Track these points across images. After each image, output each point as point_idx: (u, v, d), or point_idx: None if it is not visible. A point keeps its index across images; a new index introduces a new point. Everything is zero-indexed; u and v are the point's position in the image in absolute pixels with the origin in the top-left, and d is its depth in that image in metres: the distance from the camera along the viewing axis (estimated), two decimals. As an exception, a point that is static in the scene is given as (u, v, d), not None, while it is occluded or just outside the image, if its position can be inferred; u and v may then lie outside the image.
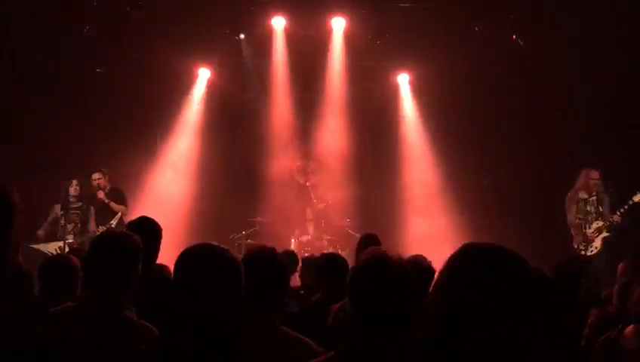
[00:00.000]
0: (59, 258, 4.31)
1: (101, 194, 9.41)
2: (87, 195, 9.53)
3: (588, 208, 9.05)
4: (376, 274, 2.29)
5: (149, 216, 4.06)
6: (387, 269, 2.29)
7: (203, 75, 11.58)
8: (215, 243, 2.47)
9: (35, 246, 9.06)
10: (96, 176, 9.51)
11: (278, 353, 2.55)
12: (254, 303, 2.64)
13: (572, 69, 10.17)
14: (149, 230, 3.82)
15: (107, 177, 9.60)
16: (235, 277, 2.35)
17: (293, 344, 2.74)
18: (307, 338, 2.79)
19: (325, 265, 4.31)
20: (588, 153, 9.75)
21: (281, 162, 11.40)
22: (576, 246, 9.01)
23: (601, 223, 8.91)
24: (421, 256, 4.07)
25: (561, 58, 10.23)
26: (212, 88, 11.61)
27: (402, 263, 2.34)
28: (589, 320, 3.83)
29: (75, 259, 4.01)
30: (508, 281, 1.57)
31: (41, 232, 9.22)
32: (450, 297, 1.58)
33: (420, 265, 3.75)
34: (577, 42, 9.92)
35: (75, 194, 9.41)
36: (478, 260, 1.60)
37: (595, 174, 9.14)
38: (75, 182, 9.41)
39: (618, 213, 8.75)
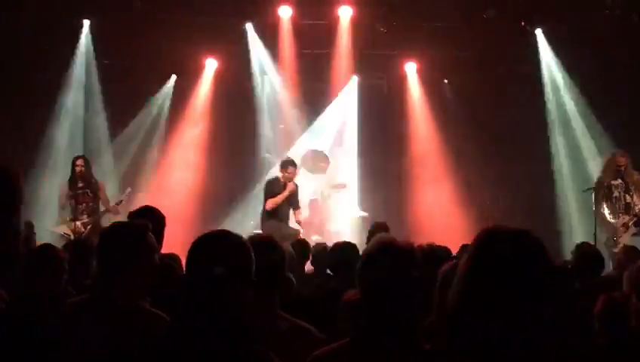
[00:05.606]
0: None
1: None
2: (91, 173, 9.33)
3: (615, 194, 8.49)
4: (384, 259, 2.26)
5: (158, 204, 4.05)
6: (396, 255, 2.27)
7: (210, 66, 11.58)
8: (229, 231, 2.45)
9: (52, 229, 9.05)
10: None
11: (277, 339, 2.54)
12: (254, 289, 2.62)
13: (582, 54, 10.12)
14: (151, 219, 3.77)
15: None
16: (247, 264, 2.33)
17: (293, 330, 2.73)
18: (308, 325, 2.78)
19: (338, 253, 4.30)
20: (610, 137, 9.46)
21: (290, 151, 11.39)
22: (604, 241, 8.38)
23: (627, 218, 8.41)
24: (438, 245, 4.06)
25: (572, 43, 10.18)
26: (219, 78, 11.60)
27: (411, 249, 2.32)
28: (596, 308, 3.80)
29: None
30: (533, 267, 1.57)
31: (62, 214, 9.17)
32: (475, 284, 1.58)
33: (436, 254, 3.74)
34: (589, 26, 9.86)
35: (80, 173, 9.07)
36: (503, 246, 1.60)
37: (620, 159, 8.49)
38: (80, 162, 9.13)
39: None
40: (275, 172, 9.63)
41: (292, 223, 9.20)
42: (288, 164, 9.13)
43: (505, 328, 1.53)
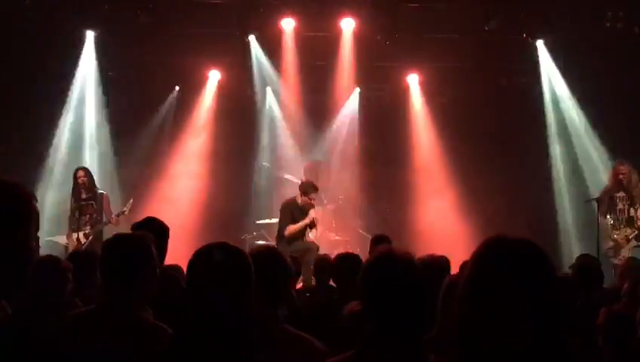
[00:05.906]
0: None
1: None
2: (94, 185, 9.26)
3: (620, 206, 8.46)
4: (384, 270, 2.27)
5: (161, 215, 4.06)
6: (395, 265, 2.27)
7: (213, 77, 11.62)
8: (228, 243, 2.46)
9: (51, 238, 9.04)
10: None
11: (279, 351, 2.53)
12: (257, 301, 2.62)
13: (582, 66, 10.16)
14: (155, 230, 3.78)
15: None
16: (248, 276, 2.34)
17: (295, 342, 2.72)
18: (311, 337, 2.77)
19: (340, 264, 4.30)
20: (611, 148, 9.49)
21: (292, 163, 11.41)
22: (604, 252, 8.35)
23: (629, 231, 8.37)
24: (438, 255, 4.06)
25: (573, 55, 10.22)
26: (222, 90, 11.65)
27: (410, 259, 2.33)
28: (598, 321, 3.81)
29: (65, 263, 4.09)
30: (534, 276, 1.57)
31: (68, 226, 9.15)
32: (479, 292, 1.58)
33: (436, 264, 3.73)
34: (590, 37, 9.91)
35: (83, 184, 9.06)
36: (506, 255, 1.61)
37: (622, 168, 8.48)
38: (81, 173, 9.12)
39: None
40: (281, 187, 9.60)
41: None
42: (311, 191, 8.98)
43: (507, 336, 1.53)
